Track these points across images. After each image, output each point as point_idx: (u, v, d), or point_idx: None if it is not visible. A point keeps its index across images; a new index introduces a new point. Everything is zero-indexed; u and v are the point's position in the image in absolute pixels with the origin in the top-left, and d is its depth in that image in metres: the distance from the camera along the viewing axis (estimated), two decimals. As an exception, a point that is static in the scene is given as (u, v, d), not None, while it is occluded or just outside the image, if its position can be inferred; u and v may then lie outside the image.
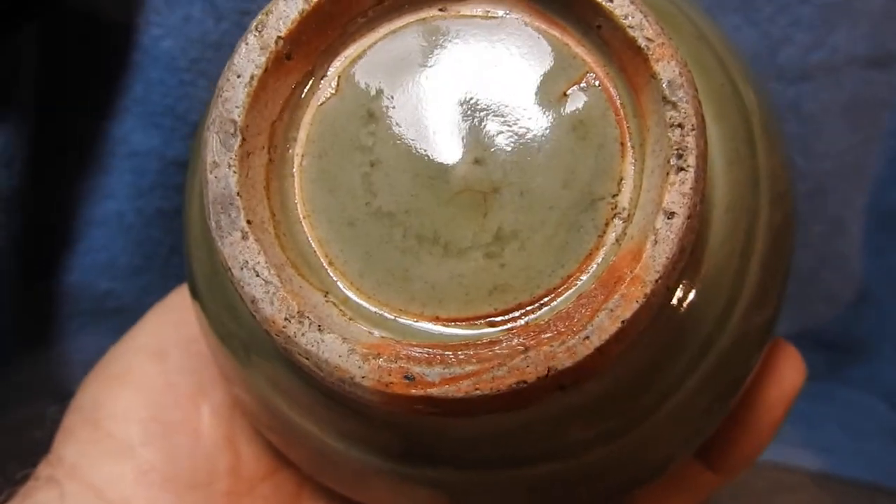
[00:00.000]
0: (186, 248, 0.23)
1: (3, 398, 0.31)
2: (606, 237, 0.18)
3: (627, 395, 0.20)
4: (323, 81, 0.20)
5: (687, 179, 0.17)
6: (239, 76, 0.18)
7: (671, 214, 0.17)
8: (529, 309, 0.18)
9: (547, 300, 0.18)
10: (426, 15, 0.20)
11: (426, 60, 0.19)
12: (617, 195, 0.18)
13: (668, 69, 0.17)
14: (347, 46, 0.20)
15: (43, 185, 0.30)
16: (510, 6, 0.19)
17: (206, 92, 0.30)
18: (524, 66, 0.19)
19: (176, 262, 0.33)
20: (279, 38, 0.19)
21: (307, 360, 0.17)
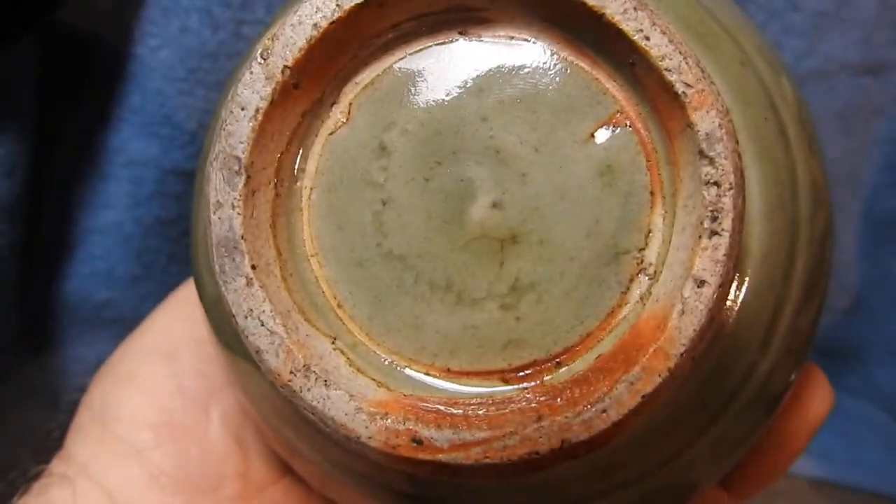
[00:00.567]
0: (193, 256, 0.22)
1: (1, 406, 0.31)
2: (630, 294, 0.17)
3: (647, 448, 0.19)
4: (333, 108, 0.18)
5: (721, 245, 0.16)
6: (243, 109, 0.17)
7: (701, 283, 0.16)
8: (545, 367, 0.17)
9: (564, 359, 0.17)
10: (445, 39, 0.18)
11: (443, 90, 0.18)
12: (643, 249, 0.17)
13: (706, 120, 0.16)
14: (359, 72, 0.18)
15: (42, 194, 0.30)
16: (537, 33, 0.18)
17: (203, 101, 0.30)
18: (549, 100, 0.17)
19: (175, 270, 0.33)
20: (286, 67, 0.17)
21: (312, 415, 0.17)
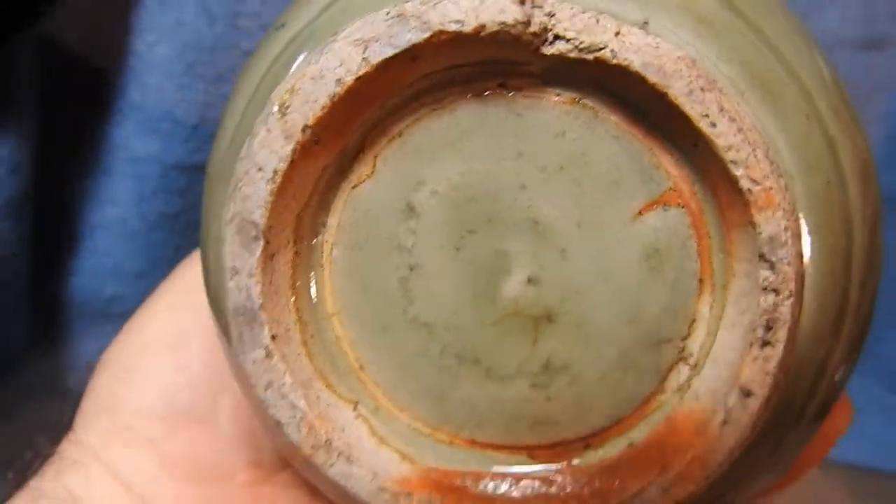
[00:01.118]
0: (203, 249, 0.21)
1: (10, 401, 0.32)
2: (668, 383, 0.16)
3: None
4: (357, 160, 0.17)
5: (773, 357, 0.15)
6: (260, 170, 0.16)
7: (748, 393, 0.15)
8: (573, 447, 0.17)
9: (593, 441, 0.17)
10: (482, 92, 0.16)
11: (478, 149, 0.16)
12: (686, 338, 0.16)
13: (771, 222, 0.14)
14: (386, 122, 0.17)
15: (47, 190, 0.30)
16: (588, 92, 0.16)
17: (204, 95, 0.30)
18: (596, 171, 0.16)
19: None
20: (306, 126, 0.16)
21: (334, 490, 0.17)
